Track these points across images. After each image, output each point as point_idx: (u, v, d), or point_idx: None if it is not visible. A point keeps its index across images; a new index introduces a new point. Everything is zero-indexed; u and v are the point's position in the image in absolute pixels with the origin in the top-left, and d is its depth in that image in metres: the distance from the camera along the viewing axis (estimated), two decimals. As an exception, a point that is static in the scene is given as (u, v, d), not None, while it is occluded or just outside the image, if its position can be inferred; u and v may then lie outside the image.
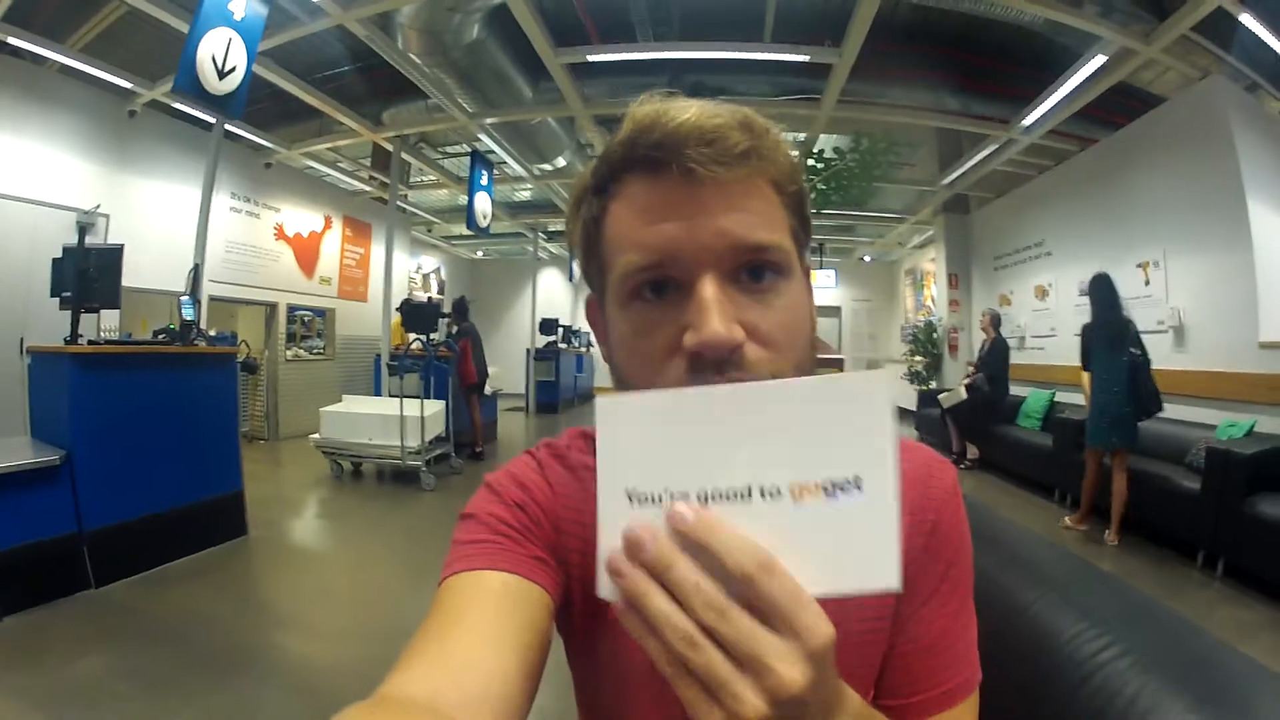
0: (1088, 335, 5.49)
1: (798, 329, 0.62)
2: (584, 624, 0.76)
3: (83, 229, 4.44)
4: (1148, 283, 6.85)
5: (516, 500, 0.72)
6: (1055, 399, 7.74)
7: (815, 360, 0.67)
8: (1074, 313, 7.85)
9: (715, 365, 0.57)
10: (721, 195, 0.59)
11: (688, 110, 0.59)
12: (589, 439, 0.82)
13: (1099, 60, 6.16)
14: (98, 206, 6.88)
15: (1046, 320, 9.08)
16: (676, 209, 0.59)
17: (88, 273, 4.27)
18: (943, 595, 0.74)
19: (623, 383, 0.66)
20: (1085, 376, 5.55)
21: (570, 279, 17.27)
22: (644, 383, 0.62)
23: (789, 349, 0.61)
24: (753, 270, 0.60)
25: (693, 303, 0.58)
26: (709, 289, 0.57)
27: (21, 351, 5.82)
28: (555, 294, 18.29)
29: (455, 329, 8.41)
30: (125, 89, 7.28)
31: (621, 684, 0.74)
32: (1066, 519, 5.67)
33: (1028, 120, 7.59)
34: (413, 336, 7.57)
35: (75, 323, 4.16)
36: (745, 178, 0.60)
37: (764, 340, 0.59)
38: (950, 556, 0.75)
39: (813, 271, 0.72)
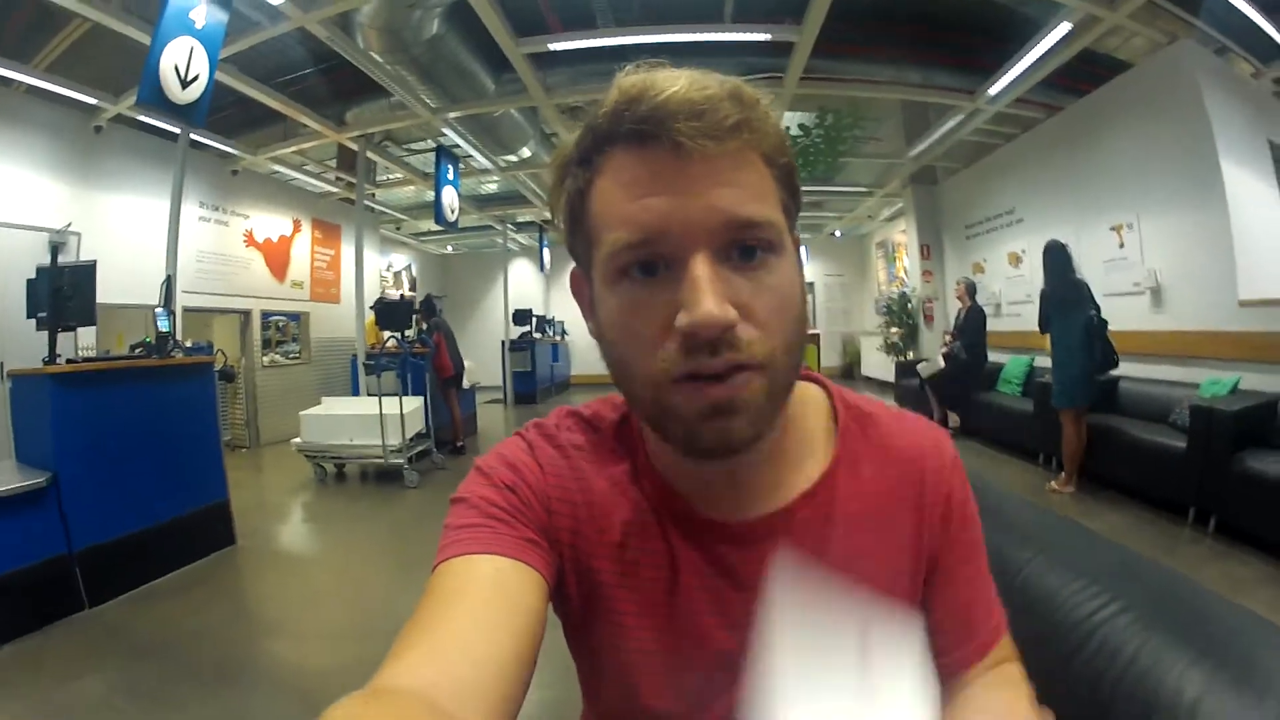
0: (1044, 301, 5.69)
1: (789, 307, 0.62)
2: (580, 604, 0.75)
3: (55, 248, 4.36)
4: (1122, 245, 6.91)
5: (507, 482, 0.72)
6: (1035, 363, 7.79)
7: (805, 337, 0.67)
8: (1049, 278, 7.92)
9: (709, 346, 0.56)
10: (712, 169, 0.58)
11: (676, 81, 0.58)
12: (578, 418, 0.82)
13: (1064, 28, 6.17)
14: (69, 225, 6.78)
15: (1021, 287, 9.11)
16: (665, 184, 0.58)
17: (62, 291, 4.20)
18: (966, 563, 0.76)
19: (615, 362, 0.65)
20: (1047, 340, 5.77)
21: (541, 269, 17.17)
22: (634, 361, 0.61)
23: (780, 329, 0.60)
24: (744, 249, 0.59)
25: (684, 282, 0.57)
26: (701, 268, 0.57)
27: (1, 376, 5.77)
28: (527, 285, 18.21)
29: (425, 325, 8.39)
30: (90, 105, 7.19)
31: (626, 665, 0.73)
32: (1053, 483, 5.74)
33: (993, 90, 7.61)
34: (387, 334, 7.54)
35: (53, 343, 4.10)
36: (735, 151, 0.59)
37: (756, 320, 0.59)
38: (966, 524, 0.77)
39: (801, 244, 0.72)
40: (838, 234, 17.40)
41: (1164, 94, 6.24)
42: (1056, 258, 5.65)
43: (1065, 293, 5.56)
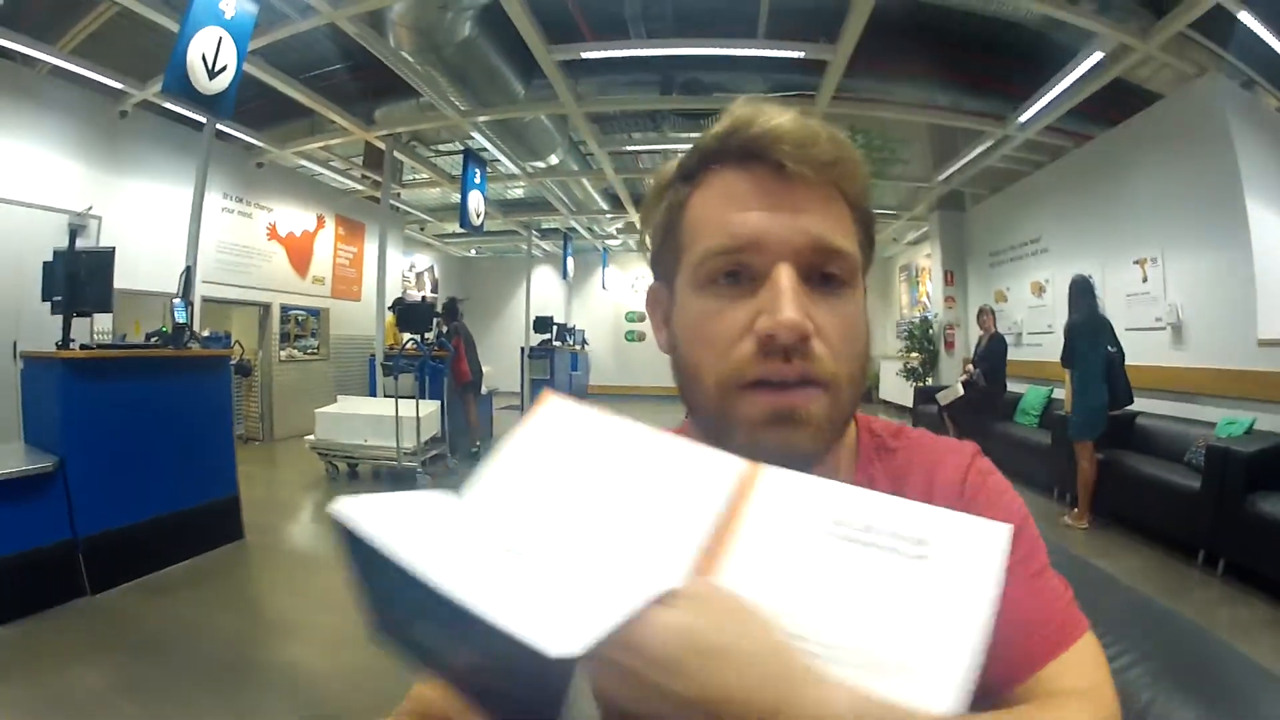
0: (1071, 333, 5.64)
1: (858, 339, 0.66)
2: None
3: (74, 231, 4.40)
4: (1145, 279, 6.83)
5: None
6: (1053, 395, 7.70)
7: (866, 376, 0.69)
8: (1072, 309, 7.85)
9: (784, 351, 0.60)
10: (807, 196, 0.63)
11: (784, 114, 0.63)
12: None
13: (1096, 57, 6.12)
14: (89, 208, 6.84)
15: (1043, 317, 9.04)
16: (764, 200, 0.63)
17: (78, 276, 4.22)
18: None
19: (686, 365, 0.68)
20: (1066, 374, 5.74)
21: (565, 277, 17.21)
22: (709, 364, 0.64)
23: (849, 357, 0.64)
24: (824, 275, 0.64)
25: (767, 289, 0.61)
26: (786, 278, 0.61)
27: (15, 356, 5.77)
28: (549, 292, 18.22)
29: (445, 329, 8.37)
30: (116, 90, 7.24)
31: None
32: (1067, 517, 5.69)
33: (1023, 117, 7.55)
34: (407, 336, 7.53)
35: (67, 327, 4.12)
36: (828, 184, 0.64)
37: (828, 341, 0.62)
38: (992, 505, 0.72)
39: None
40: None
41: (1191, 127, 6.18)
42: (1084, 291, 5.64)
43: (1094, 325, 5.54)
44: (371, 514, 0.49)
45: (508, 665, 0.39)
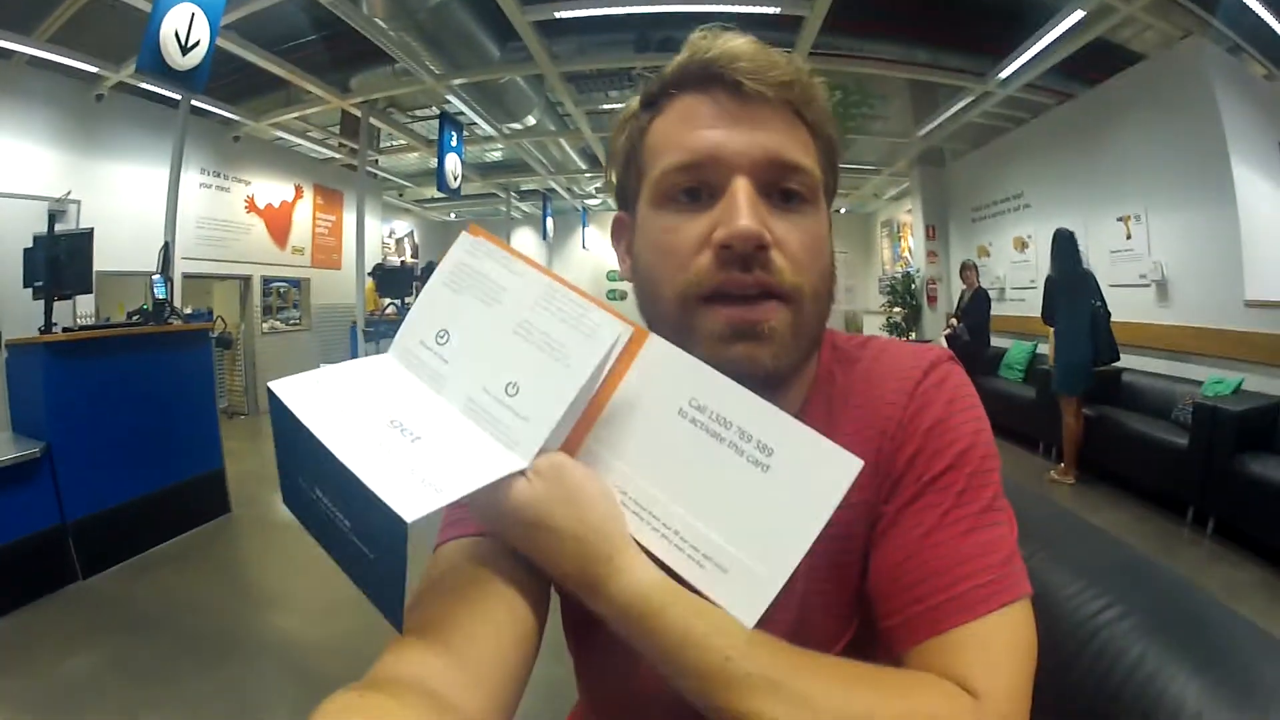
0: (1051, 288, 5.71)
1: (819, 253, 0.67)
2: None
3: (53, 216, 4.35)
4: (1129, 236, 6.87)
5: None
6: (1037, 350, 7.79)
7: (832, 296, 0.70)
8: (1054, 264, 7.89)
9: (742, 260, 0.61)
10: (765, 115, 0.65)
11: (741, 39, 0.65)
12: None
13: (1077, 15, 6.07)
14: (68, 193, 6.77)
15: (1026, 272, 9.10)
16: (721, 118, 0.64)
17: (58, 259, 4.21)
18: (922, 504, 0.64)
19: (645, 281, 0.69)
20: (1050, 330, 5.80)
21: (545, 238, 17.10)
22: (668, 277, 0.65)
23: (810, 270, 0.65)
24: (783, 192, 0.65)
25: (725, 201, 0.62)
26: (742, 190, 0.62)
27: (0, 346, 5.74)
28: (530, 253, 17.58)
29: (425, 290, 8.33)
30: (92, 74, 7.14)
31: (623, 650, 0.64)
32: (1053, 472, 5.75)
33: (1004, 74, 7.51)
34: (387, 301, 7.50)
35: (49, 311, 4.12)
36: (785, 105, 0.66)
37: (788, 253, 0.63)
38: (938, 454, 0.65)
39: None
40: (843, 210, 17.33)
41: (1176, 89, 6.17)
42: (1065, 246, 5.63)
43: (1073, 281, 5.55)
44: (299, 390, 0.54)
45: (368, 520, 0.46)
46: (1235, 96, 5.88)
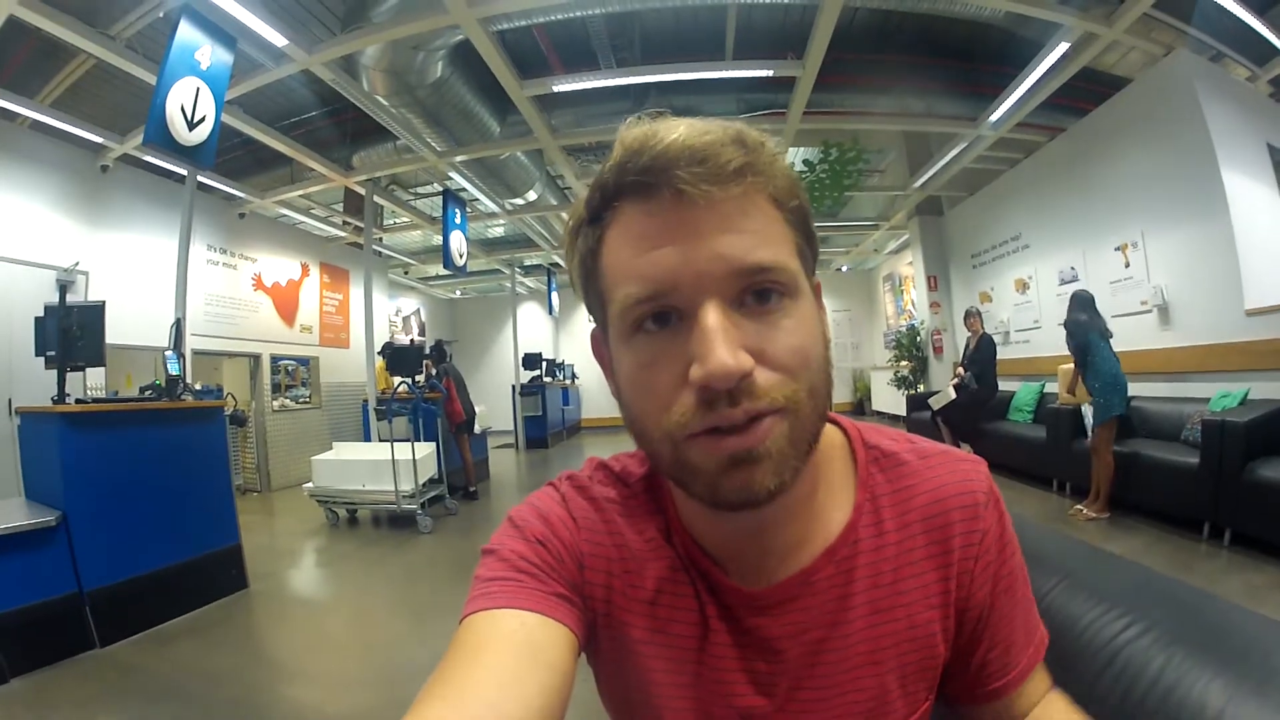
0: (1083, 332, 5.60)
1: (809, 350, 0.60)
2: (612, 658, 0.75)
3: (63, 287, 4.42)
4: (1128, 265, 6.91)
5: (538, 536, 0.71)
6: (1045, 390, 7.77)
7: (830, 383, 0.64)
8: (1056, 303, 7.95)
9: (727, 396, 0.55)
10: (718, 216, 0.57)
11: (676, 129, 0.57)
12: (608, 470, 0.80)
13: (1061, 48, 6.22)
14: (76, 264, 6.85)
15: (1029, 313, 9.14)
16: (671, 234, 0.57)
17: (71, 331, 4.24)
18: (1008, 594, 0.74)
19: (632, 420, 0.64)
20: (1067, 369, 5.87)
21: (550, 312, 17.26)
22: (652, 419, 0.60)
23: (801, 372, 0.59)
24: (758, 293, 0.58)
25: (695, 333, 0.56)
26: (711, 317, 0.55)
27: (10, 412, 5.76)
28: (536, 328, 18.21)
29: (435, 370, 8.37)
30: (97, 144, 7.25)
31: (655, 706, 0.72)
32: (1083, 508, 5.61)
33: (994, 115, 7.65)
34: (398, 380, 7.54)
35: (62, 382, 4.15)
36: (740, 195, 0.57)
37: (775, 364, 0.57)
38: (1005, 559, 0.74)
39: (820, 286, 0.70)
40: (844, 268, 17.48)
41: (1162, 106, 6.28)
42: (1086, 300, 5.71)
43: (1100, 325, 5.60)
44: None
45: None
46: (1220, 102, 5.99)
